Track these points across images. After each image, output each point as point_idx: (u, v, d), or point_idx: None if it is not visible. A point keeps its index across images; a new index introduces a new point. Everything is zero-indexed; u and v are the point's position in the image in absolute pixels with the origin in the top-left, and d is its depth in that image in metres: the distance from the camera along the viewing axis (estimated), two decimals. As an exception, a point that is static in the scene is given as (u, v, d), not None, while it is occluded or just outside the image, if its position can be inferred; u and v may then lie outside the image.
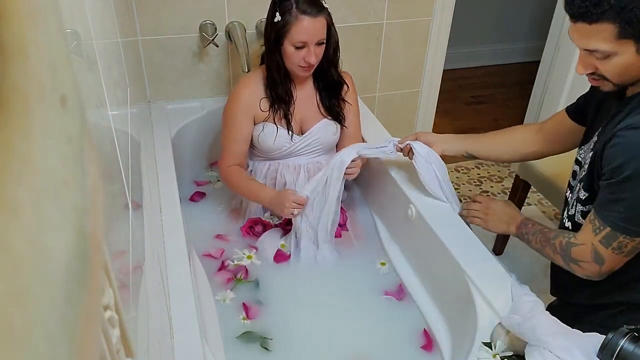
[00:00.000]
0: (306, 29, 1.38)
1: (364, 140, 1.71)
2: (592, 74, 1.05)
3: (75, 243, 0.31)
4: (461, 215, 1.42)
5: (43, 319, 0.25)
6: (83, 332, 0.31)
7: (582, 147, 1.22)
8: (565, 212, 1.25)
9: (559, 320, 1.04)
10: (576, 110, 1.32)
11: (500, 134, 1.48)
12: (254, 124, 1.57)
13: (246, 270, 1.48)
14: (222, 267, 1.50)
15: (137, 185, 1.30)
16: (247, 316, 1.35)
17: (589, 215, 1.09)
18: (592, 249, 1.06)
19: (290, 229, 1.57)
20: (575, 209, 1.20)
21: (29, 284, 0.24)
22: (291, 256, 1.54)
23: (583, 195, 1.16)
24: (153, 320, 1.01)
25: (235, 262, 1.49)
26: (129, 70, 1.56)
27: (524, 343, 1.02)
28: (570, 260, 1.10)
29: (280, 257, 1.52)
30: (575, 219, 1.20)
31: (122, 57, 1.40)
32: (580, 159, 1.22)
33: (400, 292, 1.44)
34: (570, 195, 1.24)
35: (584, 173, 1.16)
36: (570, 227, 1.22)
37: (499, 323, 1.09)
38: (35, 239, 0.25)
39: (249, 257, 1.50)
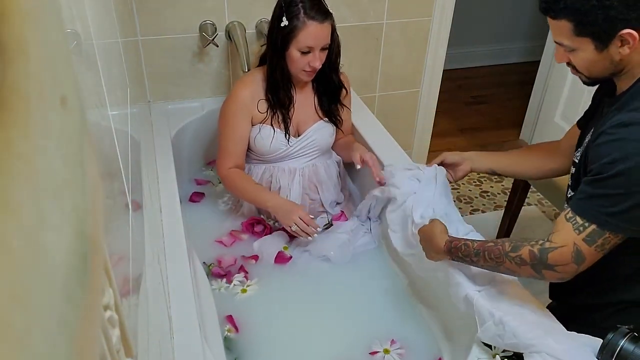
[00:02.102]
0: (313, 34, 1.39)
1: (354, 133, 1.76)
2: (569, 64, 1.08)
3: (75, 243, 0.31)
4: None
5: (43, 319, 0.25)
6: (83, 332, 0.31)
7: (578, 149, 1.22)
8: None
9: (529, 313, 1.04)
10: (584, 122, 1.32)
11: (522, 153, 1.48)
12: (252, 125, 1.57)
13: (228, 274, 1.47)
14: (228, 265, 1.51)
15: (137, 185, 1.30)
16: (236, 329, 1.31)
17: (563, 214, 1.04)
18: (573, 249, 1.01)
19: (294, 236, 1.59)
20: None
21: (28, 284, 0.24)
22: (292, 258, 1.53)
23: (569, 193, 1.16)
24: (153, 320, 1.01)
25: (233, 284, 1.45)
26: (129, 70, 1.56)
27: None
28: (544, 267, 1.02)
29: (281, 259, 1.52)
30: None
31: (122, 57, 1.40)
32: (576, 161, 1.22)
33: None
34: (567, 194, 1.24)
35: (574, 172, 1.16)
36: None
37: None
38: (35, 239, 0.25)
39: (243, 291, 1.43)
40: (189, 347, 1.01)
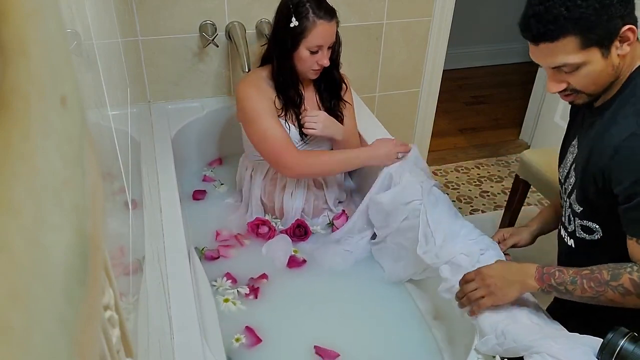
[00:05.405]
0: (323, 33, 1.41)
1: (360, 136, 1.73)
2: (564, 90, 1.04)
3: (75, 243, 0.31)
4: (461, 305, 1.15)
5: (43, 319, 0.25)
6: (83, 332, 0.31)
7: (561, 165, 1.21)
8: (564, 231, 1.22)
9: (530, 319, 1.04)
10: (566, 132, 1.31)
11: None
12: None
13: (231, 276, 1.47)
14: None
15: (137, 184, 1.30)
16: (252, 343, 1.28)
17: (634, 242, 1.00)
18: None
19: (299, 240, 1.59)
20: (574, 224, 1.17)
21: (28, 284, 0.24)
22: (306, 262, 1.53)
23: (578, 209, 1.14)
24: (153, 320, 1.01)
25: (224, 296, 1.42)
26: (129, 70, 1.56)
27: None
28: None
29: (295, 263, 1.52)
30: (577, 235, 1.17)
31: (122, 57, 1.40)
32: (561, 178, 1.20)
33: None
34: (563, 212, 1.21)
35: (569, 187, 1.14)
36: (573, 245, 1.19)
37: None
38: (35, 239, 0.25)
39: (225, 300, 1.40)
40: (189, 347, 1.01)
